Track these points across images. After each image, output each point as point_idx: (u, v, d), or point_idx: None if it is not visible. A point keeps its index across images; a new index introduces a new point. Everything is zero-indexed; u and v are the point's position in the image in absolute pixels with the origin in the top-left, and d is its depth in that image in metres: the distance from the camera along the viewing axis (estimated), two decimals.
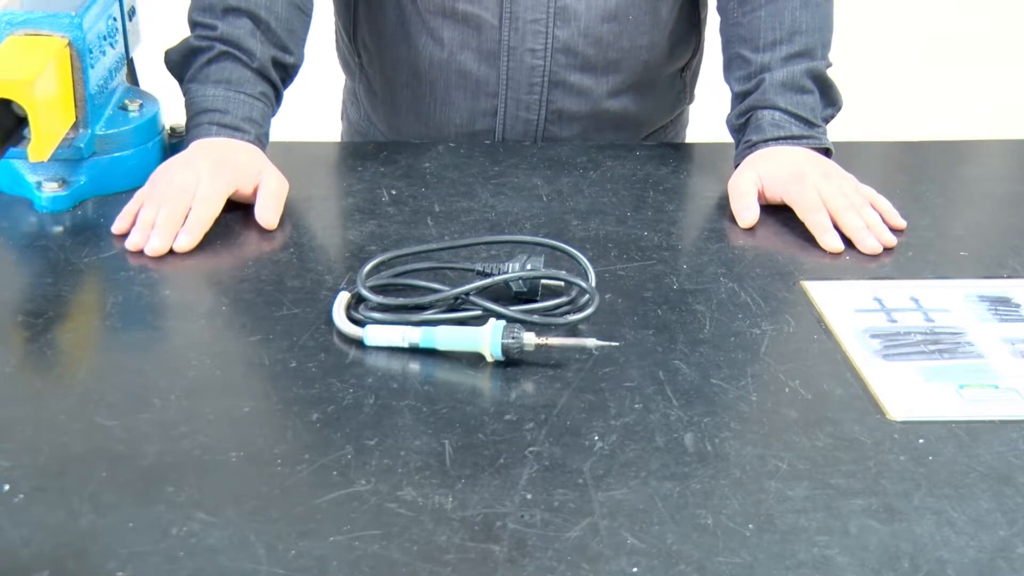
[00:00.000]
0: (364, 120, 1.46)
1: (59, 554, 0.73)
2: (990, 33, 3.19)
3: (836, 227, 1.14)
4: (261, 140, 1.20)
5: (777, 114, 1.24)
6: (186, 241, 1.08)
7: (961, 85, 3.13)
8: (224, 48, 1.20)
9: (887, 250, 1.13)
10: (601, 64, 1.32)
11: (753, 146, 1.24)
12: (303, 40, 1.27)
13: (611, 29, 1.30)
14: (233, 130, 1.18)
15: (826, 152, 1.24)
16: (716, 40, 1.33)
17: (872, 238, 1.13)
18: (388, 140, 1.42)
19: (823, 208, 1.15)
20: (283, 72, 1.24)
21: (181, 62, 1.23)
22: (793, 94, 1.24)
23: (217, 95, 1.19)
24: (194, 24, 1.23)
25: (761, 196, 1.19)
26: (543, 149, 1.33)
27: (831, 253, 1.12)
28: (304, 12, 1.26)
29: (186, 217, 1.10)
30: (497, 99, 1.33)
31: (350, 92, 1.49)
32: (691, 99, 1.50)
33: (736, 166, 1.25)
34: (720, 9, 1.32)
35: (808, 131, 1.24)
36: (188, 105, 1.21)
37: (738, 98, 1.28)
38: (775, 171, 1.20)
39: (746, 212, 1.17)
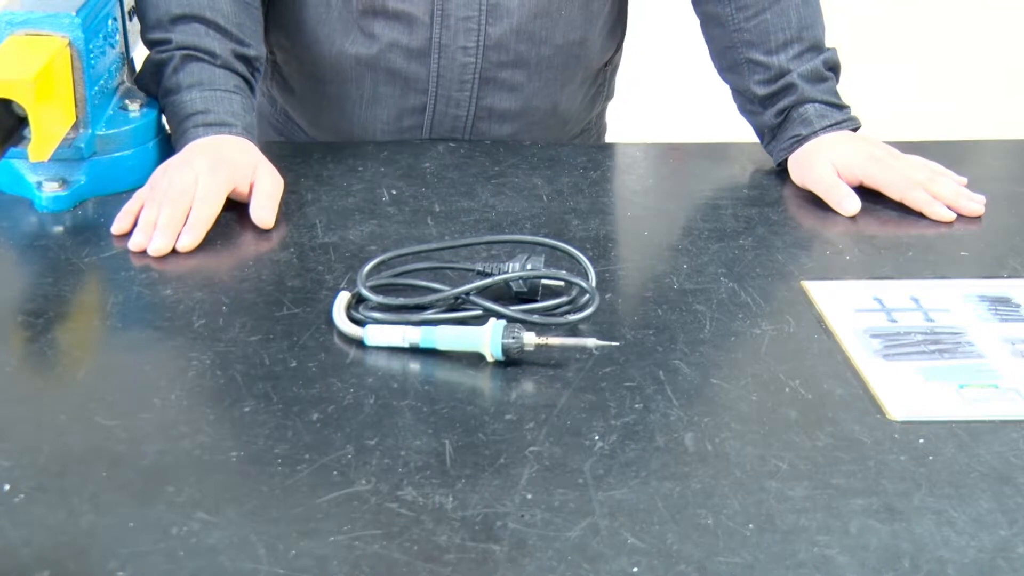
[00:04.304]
0: (279, 115, 1.46)
1: (59, 554, 0.73)
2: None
3: None
4: (249, 131, 1.20)
5: (818, 106, 1.27)
6: (189, 240, 1.08)
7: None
8: (185, 53, 1.21)
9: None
10: (533, 61, 1.32)
11: (803, 139, 1.27)
12: (258, 33, 1.27)
13: (543, 24, 1.30)
14: (220, 126, 1.18)
15: (854, 129, 1.29)
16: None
17: (967, 200, 1.20)
18: (310, 137, 1.43)
19: (916, 185, 1.20)
20: (248, 65, 1.24)
21: (151, 80, 1.24)
22: (820, 84, 1.28)
23: (194, 98, 1.19)
24: (150, 44, 1.24)
25: None
26: (543, 149, 1.33)
27: (945, 224, 1.18)
28: (250, 4, 1.26)
29: (187, 217, 1.10)
30: (426, 96, 1.33)
31: (262, 88, 1.48)
32: (610, 95, 1.51)
33: (778, 163, 1.28)
34: (711, 17, 1.32)
35: (844, 115, 1.29)
36: (170, 118, 1.22)
37: (765, 100, 1.29)
38: (850, 156, 1.24)
39: (847, 201, 1.20)
